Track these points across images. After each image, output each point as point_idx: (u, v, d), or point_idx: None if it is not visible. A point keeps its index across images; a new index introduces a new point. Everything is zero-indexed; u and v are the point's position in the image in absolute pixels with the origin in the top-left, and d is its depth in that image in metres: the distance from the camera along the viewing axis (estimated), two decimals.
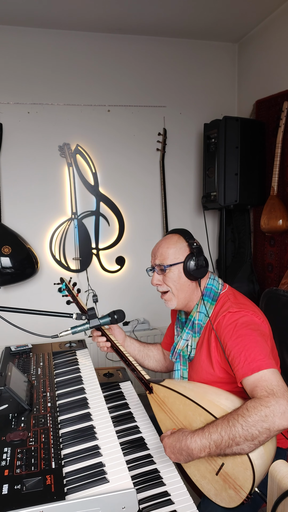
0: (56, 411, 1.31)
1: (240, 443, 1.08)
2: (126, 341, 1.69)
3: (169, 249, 1.43)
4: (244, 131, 2.64)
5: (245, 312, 1.31)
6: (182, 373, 1.47)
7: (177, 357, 1.49)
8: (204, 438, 1.13)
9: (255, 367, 1.17)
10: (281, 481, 0.87)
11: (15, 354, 1.77)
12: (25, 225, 2.83)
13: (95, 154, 2.92)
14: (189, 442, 1.15)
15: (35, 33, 2.72)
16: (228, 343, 1.27)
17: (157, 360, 1.75)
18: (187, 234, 1.45)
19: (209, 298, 1.42)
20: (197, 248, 1.40)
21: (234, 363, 1.23)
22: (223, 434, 1.10)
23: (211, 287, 1.44)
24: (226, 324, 1.30)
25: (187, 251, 1.42)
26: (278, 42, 2.65)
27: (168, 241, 1.45)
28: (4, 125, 2.72)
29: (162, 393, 1.34)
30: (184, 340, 1.46)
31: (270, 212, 2.56)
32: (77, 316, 1.44)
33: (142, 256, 3.10)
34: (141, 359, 1.72)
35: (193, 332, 1.43)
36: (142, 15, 2.61)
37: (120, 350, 1.51)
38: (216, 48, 3.08)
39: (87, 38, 2.82)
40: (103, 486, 0.99)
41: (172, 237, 1.46)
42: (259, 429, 1.07)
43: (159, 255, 1.44)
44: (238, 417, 1.10)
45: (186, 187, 3.15)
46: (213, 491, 1.19)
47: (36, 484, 0.97)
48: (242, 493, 1.11)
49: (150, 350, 1.75)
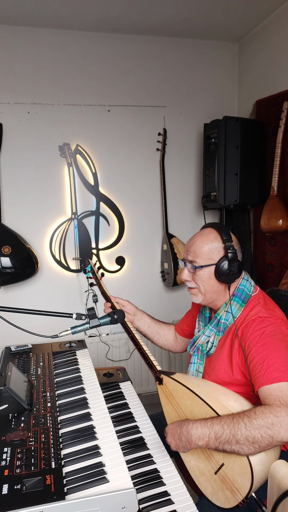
0: (56, 411, 1.31)
1: (240, 441, 1.07)
2: (136, 315, 1.69)
3: (203, 247, 1.36)
4: (244, 131, 2.64)
5: (274, 320, 1.29)
6: (198, 367, 1.46)
7: (195, 350, 1.48)
8: (206, 426, 1.13)
9: (275, 377, 1.16)
10: (281, 481, 0.87)
11: (15, 354, 1.77)
12: (25, 225, 2.83)
13: (95, 154, 2.92)
14: (190, 427, 1.15)
15: (35, 33, 2.72)
16: (252, 348, 1.25)
17: (167, 339, 1.75)
18: (226, 233, 1.37)
19: (240, 299, 1.38)
20: (232, 253, 1.33)
21: (255, 370, 1.22)
22: (225, 428, 1.10)
23: (243, 289, 1.39)
24: (253, 330, 1.28)
25: (221, 253, 1.35)
26: (278, 42, 2.65)
27: (204, 238, 1.38)
28: (4, 125, 2.72)
29: (172, 386, 1.34)
30: (206, 336, 1.44)
31: (270, 212, 2.56)
32: (77, 316, 1.44)
33: (142, 256, 3.10)
34: (150, 335, 1.73)
35: (217, 330, 1.41)
36: (142, 15, 2.61)
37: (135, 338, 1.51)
38: (216, 48, 3.08)
39: (87, 38, 2.82)
40: (103, 486, 0.99)
41: (210, 234, 1.38)
42: (262, 433, 1.07)
43: (192, 251, 1.38)
44: (244, 417, 1.10)
45: (186, 187, 3.15)
46: (210, 489, 1.20)
47: (36, 484, 0.97)
48: (239, 495, 1.11)
49: (162, 328, 1.75)
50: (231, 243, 1.35)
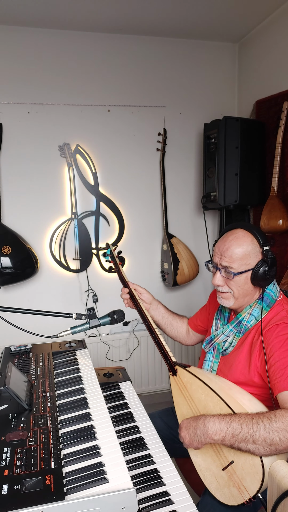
0: (56, 411, 1.31)
1: (257, 442, 1.07)
2: (152, 304, 1.69)
3: (239, 252, 1.31)
4: (244, 131, 2.64)
5: None
6: (213, 365, 1.46)
7: (211, 348, 1.47)
8: (224, 422, 1.13)
9: None
10: (281, 481, 0.87)
11: (15, 354, 1.76)
12: (25, 225, 2.83)
13: (95, 154, 2.92)
14: (207, 421, 1.15)
15: (35, 33, 2.72)
16: (275, 353, 1.24)
17: (179, 332, 1.75)
18: (262, 236, 1.33)
19: (265, 303, 1.36)
20: (271, 258, 1.29)
21: (276, 374, 1.21)
22: (243, 426, 1.10)
23: (270, 293, 1.37)
24: (277, 334, 1.27)
25: (259, 257, 1.32)
26: (278, 42, 2.65)
27: (240, 242, 1.32)
28: (4, 125, 2.72)
29: (186, 378, 1.33)
30: (225, 336, 1.43)
31: (270, 212, 2.56)
32: (77, 316, 1.44)
33: (142, 256, 3.10)
34: (164, 325, 1.73)
35: (237, 331, 1.41)
36: (142, 15, 2.61)
37: (151, 326, 1.50)
38: (216, 48, 3.08)
39: (87, 38, 2.82)
40: (102, 486, 0.99)
41: (245, 238, 1.33)
42: (281, 437, 1.07)
43: (227, 256, 1.32)
44: (264, 418, 1.10)
45: (186, 187, 3.15)
46: (214, 485, 1.19)
47: (36, 484, 0.97)
48: (246, 494, 1.11)
49: (175, 320, 1.75)
50: (268, 247, 1.32)
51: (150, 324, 1.51)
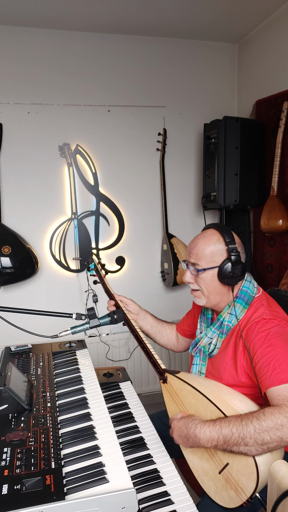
0: (56, 411, 1.31)
1: (248, 444, 1.07)
2: (140, 314, 1.69)
3: (205, 250, 1.35)
4: (244, 131, 2.64)
5: (278, 321, 1.29)
6: (200, 368, 1.46)
7: (197, 352, 1.47)
8: (214, 431, 1.12)
9: (282, 378, 1.16)
10: (281, 481, 0.87)
11: (15, 354, 1.77)
12: (25, 225, 2.83)
13: (95, 154, 2.92)
14: (198, 431, 1.15)
15: (35, 33, 2.72)
16: (258, 350, 1.25)
17: (169, 339, 1.75)
18: (229, 235, 1.35)
19: (243, 301, 1.37)
20: (236, 255, 1.32)
21: (261, 372, 1.21)
22: (233, 431, 1.09)
23: (247, 290, 1.38)
24: (258, 331, 1.27)
25: (224, 255, 1.34)
26: (278, 43, 2.65)
27: (207, 240, 1.37)
28: (4, 125, 2.72)
29: (176, 385, 1.33)
30: (209, 338, 1.43)
31: (270, 212, 2.56)
32: (77, 316, 1.44)
33: (142, 256, 3.10)
34: (153, 334, 1.73)
35: (220, 332, 1.41)
36: (142, 15, 2.61)
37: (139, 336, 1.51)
38: (216, 48, 3.08)
39: (87, 38, 2.82)
40: (102, 486, 0.99)
41: (212, 236, 1.37)
42: (271, 435, 1.06)
43: (194, 253, 1.37)
44: (253, 419, 1.10)
45: (186, 187, 3.15)
46: (213, 489, 1.19)
47: (36, 484, 0.97)
48: (243, 495, 1.11)
49: (164, 328, 1.75)
50: (234, 245, 1.34)
51: (138, 333, 1.53)
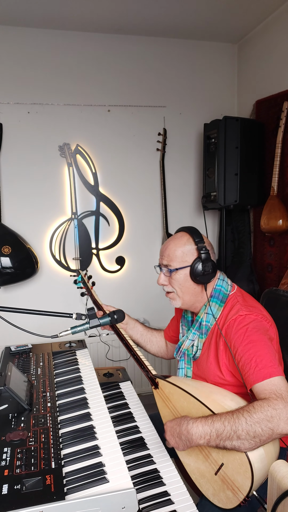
0: (56, 411, 1.31)
1: (241, 437, 1.07)
2: (129, 324, 1.70)
3: (176, 251, 1.39)
4: (244, 131, 2.64)
5: (255, 316, 1.30)
6: (186, 372, 1.46)
7: (181, 355, 1.48)
8: (207, 425, 1.13)
9: (266, 373, 1.17)
10: (281, 481, 0.87)
11: (15, 354, 1.77)
12: (25, 225, 2.83)
13: (95, 154, 2.92)
14: (190, 427, 1.15)
15: (35, 33, 2.72)
16: (239, 348, 1.25)
17: (159, 346, 1.76)
18: (197, 235, 1.40)
19: (218, 300, 1.39)
20: (205, 253, 1.35)
21: (244, 369, 1.22)
22: (226, 424, 1.10)
23: (220, 289, 1.40)
24: (237, 328, 1.28)
25: (195, 254, 1.37)
26: (278, 43, 2.65)
27: (177, 242, 1.41)
28: (4, 125, 2.72)
29: (168, 389, 1.34)
30: (190, 340, 1.44)
31: (270, 212, 2.56)
32: (77, 316, 1.43)
33: (142, 256, 3.10)
34: (143, 343, 1.75)
35: (200, 333, 1.42)
36: (142, 15, 2.61)
37: (129, 344, 1.52)
38: (216, 48, 3.08)
39: (87, 38, 2.82)
40: (103, 486, 0.99)
41: (182, 238, 1.41)
42: (262, 427, 1.07)
43: (166, 255, 1.41)
44: (244, 412, 1.10)
45: (186, 187, 3.15)
46: (211, 491, 1.19)
47: (36, 484, 0.97)
48: (240, 495, 1.11)
49: (154, 335, 1.77)
50: (203, 244, 1.37)
51: (127, 341, 1.54)
